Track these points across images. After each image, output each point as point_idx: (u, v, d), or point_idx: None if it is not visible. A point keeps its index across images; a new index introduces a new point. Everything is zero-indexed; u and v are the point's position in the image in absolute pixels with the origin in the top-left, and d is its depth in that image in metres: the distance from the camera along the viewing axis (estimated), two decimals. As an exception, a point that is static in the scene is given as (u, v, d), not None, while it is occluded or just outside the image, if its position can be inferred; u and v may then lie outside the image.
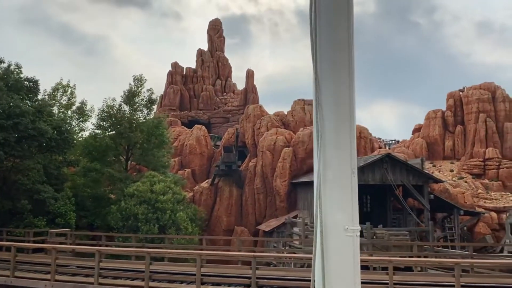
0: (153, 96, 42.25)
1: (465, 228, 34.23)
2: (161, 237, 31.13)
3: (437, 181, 36.07)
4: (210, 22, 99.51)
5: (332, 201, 2.06)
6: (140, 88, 41.92)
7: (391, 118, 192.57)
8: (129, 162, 41.85)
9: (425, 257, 24.03)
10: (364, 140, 43.37)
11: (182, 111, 73.13)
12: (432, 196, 32.58)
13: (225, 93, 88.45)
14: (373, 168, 32.13)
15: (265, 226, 39.71)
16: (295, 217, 34.95)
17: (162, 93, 75.92)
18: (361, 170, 32.79)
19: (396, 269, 19.14)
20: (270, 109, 48.38)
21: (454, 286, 14.75)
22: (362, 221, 32.73)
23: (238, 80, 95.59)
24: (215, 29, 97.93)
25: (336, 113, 2.10)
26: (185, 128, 57.76)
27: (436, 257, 23.91)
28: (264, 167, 43.22)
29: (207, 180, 46.87)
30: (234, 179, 45.52)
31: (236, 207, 44.64)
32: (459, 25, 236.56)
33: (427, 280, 15.79)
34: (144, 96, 41.77)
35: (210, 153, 51.92)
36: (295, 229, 30.78)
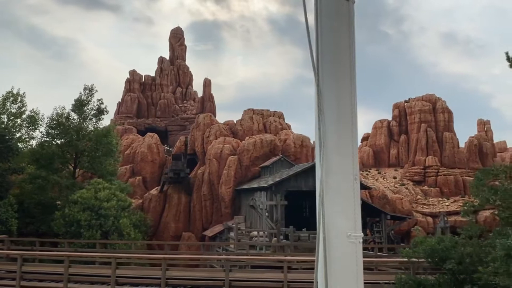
0: (103, 106, 43.14)
1: (392, 231, 36.66)
2: (104, 243, 32.28)
3: (366, 187, 38.52)
4: (172, 30, 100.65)
5: (335, 207, 2.05)
6: (90, 98, 42.82)
7: (361, 127, 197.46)
8: (77, 170, 42.66)
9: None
10: (306, 148, 45.61)
11: (139, 118, 73.93)
12: (360, 202, 34.76)
13: (185, 101, 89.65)
14: (306, 175, 34.19)
15: (209, 232, 41.21)
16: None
17: (120, 100, 76.64)
18: (295, 177, 34.84)
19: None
20: (240, 116, 49.62)
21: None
22: (301, 226, 34.81)
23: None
24: (176, 38, 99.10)
25: (338, 120, 2.11)
26: (139, 136, 58.73)
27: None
28: (211, 175, 44.77)
29: (156, 187, 48.00)
30: (183, 186, 46.83)
31: (185, 213, 45.94)
32: (426, 36, 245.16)
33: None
34: (94, 106, 42.71)
35: (162, 161, 53.07)
36: (231, 234, 32.42)
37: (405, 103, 65.05)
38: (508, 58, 16.31)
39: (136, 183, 50.26)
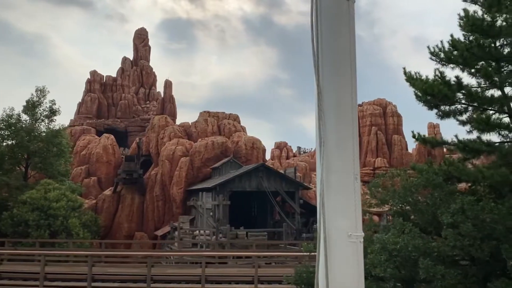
0: (55, 107, 43.61)
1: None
2: (53, 242, 33.24)
3: (306, 187, 40.44)
4: (136, 31, 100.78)
5: (335, 207, 2.05)
6: (41, 99, 43.26)
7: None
8: (29, 171, 43.04)
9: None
10: (256, 150, 47.26)
11: (99, 119, 74.09)
12: (302, 201, 36.74)
13: (148, 102, 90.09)
14: (249, 176, 35.82)
15: (160, 232, 42.35)
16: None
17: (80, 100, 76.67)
18: (239, 178, 36.40)
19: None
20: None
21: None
22: (250, 225, 36.37)
23: (181, 85, 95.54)
24: (141, 38, 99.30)
25: (339, 119, 2.11)
26: (95, 137, 59.11)
27: (284, 253, 27.62)
28: (163, 176, 45.85)
29: (110, 188, 48.67)
30: (136, 187, 47.69)
31: (138, 213, 46.82)
32: (396, 39, 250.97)
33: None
34: (46, 107, 43.19)
35: (117, 162, 53.65)
36: (176, 233, 33.74)
37: (358, 107, 67.71)
38: (405, 73, 18.29)
39: (91, 183, 50.80)
